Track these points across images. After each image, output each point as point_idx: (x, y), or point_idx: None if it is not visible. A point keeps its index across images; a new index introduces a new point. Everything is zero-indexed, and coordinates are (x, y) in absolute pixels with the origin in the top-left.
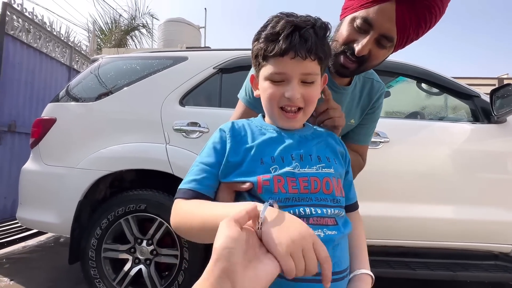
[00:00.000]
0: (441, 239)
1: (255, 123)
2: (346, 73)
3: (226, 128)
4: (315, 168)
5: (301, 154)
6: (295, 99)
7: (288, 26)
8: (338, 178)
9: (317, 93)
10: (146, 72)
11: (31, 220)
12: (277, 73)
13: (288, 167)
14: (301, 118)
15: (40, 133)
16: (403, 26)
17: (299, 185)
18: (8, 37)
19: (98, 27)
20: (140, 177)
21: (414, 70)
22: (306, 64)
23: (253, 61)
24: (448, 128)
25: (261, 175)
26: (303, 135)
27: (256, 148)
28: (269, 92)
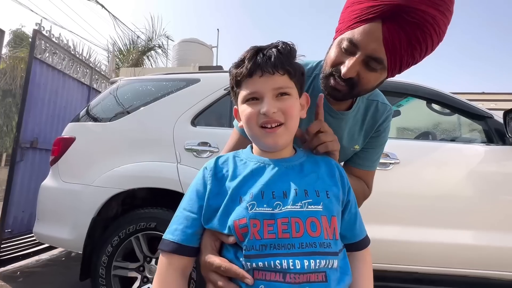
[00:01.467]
0: (460, 266)
1: (241, 156)
2: (338, 96)
3: (209, 167)
4: (299, 206)
5: (284, 190)
6: (271, 113)
7: (251, 50)
8: (332, 216)
9: (295, 106)
10: (160, 94)
11: (47, 236)
12: (250, 93)
13: (266, 207)
14: (283, 133)
15: (60, 151)
16: (392, 46)
17: (277, 229)
18: (36, 60)
19: (117, 48)
20: (152, 195)
21: (424, 91)
22: (276, 79)
23: (231, 94)
24: (461, 150)
25: (238, 219)
26: (290, 165)
27: (236, 185)
28: (247, 112)
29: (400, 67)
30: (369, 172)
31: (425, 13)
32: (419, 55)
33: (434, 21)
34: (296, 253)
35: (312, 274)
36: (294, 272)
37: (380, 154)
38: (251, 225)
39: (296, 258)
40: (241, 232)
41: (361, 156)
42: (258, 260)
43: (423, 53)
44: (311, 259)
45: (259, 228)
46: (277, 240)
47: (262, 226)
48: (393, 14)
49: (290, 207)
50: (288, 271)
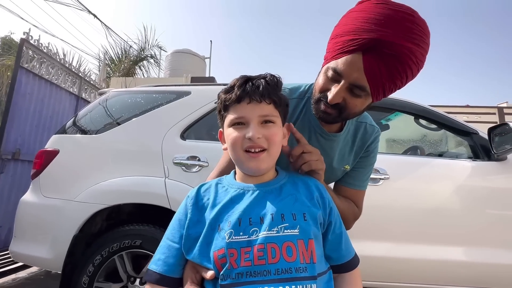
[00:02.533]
0: (450, 282)
1: (223, 183)
2: (328, 119)
3: (191, 195)
4: (275, 230)
5: (261, 215)
6: (256, 139)
7: (241, 79)
8: (309, 239)
9: (278, 133)
10: (150, 106)
11: (24, 255)
12: (237, 118)
13: (243, 235)
14: (265, 159)
15: (42, 164)
16: (373, 75)
17: (253, 256)
18: (22, 69)
19: (109, 57)
20: (138, 210)
21: (411, 106)
22: (263, 107)
23: (218, 117)
24: (448, 165)
25: (217, 250)
26: (268, 190)
27: (215, 213)
28: (233, 136)
29: (384, 92)
30: (359, 191)
31: (402, 46)
32: (401, 82)
33: (410, 52)
34: (272, 280)
35: None
36: None
37: (370, 174)
38: (228, 254)
39: (271, 285)
40: (220, 263)
41: (351, 175)
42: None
43: (404, 80)
44: (286, 285)
45: (236, 257)
46: (253, 267)
47: (239, 254)
48: (371, 47)
49: (266, 232)
50: None
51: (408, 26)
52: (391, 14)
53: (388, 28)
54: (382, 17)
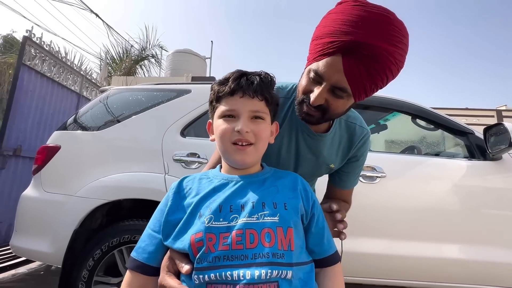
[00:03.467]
0: (445, 280)
1: (209, 175)
2: (312, 121)
3: (173, 185)
4: (255, 218)
5: (242, 203)
6: (244, 132)
7: (237, 73)
8: (288, 227)
9: (266, 130)
10: (150, 104)
11: (24, 249)
12: (228, 110)
13: (223, 221)
14: (252, 152)
15: (43, 160)
16: (353, 77)
17: (231, 240)
18: (25, 67)
19: (110, 56)
20: (138, 206)
21: (409, 106)
22: (254, 103)
23: (209, 107)
24: (445, 164)
25: (195, 233)
26: (252, 181)
27: (197, 201)
28: (222, 128)
29: (366, 93)
30: (349, 190)
31: (379, 48)
32: (381, 82)
33: (388, 53)
34: (248, 264)
35: (264, 284)
36: (245, 282)
37: (359, 173)
38: (206, 239)
39: (248, 269)
40: (196, 246)
41: (343, 179)
42: (210, 272)
43: (384, 80)
44: (262, 269)
45: (215, 242)
46: (230, 252)
47: (218, 239)
48: (350, 49)
49: (246, 219)
50: (238, 282)
51: (384, 28)
52: (368, 16)
53: (364, 30)
54: (359, 19)
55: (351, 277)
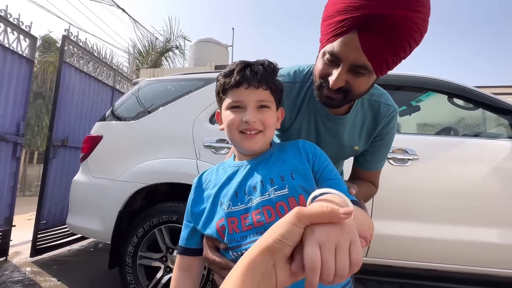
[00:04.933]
0: (484, 264)
1: (224, 165)
2: (334, 104)
3: (194, 180)
4: (267, 195)
5: (254, 184)
6: (252, 122)
7: (241, 64)
8: (299, 195)
9: (273, 118)
10: (180, 93)
11: (79, 227)
12: (234, 101)
13: (241, 204)
14: (260, 139)
15: (89, 149)
16: (372, 52)
17: (252, 220)
18: (65, 64)
19: (137, 50)
20: (173, 190)
21: (445, 85)
22: (259, 93)
23: (216, 99)
24: (485, 146)
25: (218, 219)
26: (259, 161)
27: (215, 192)
28: (230, 118)
29: (388, 66)
30: (376, 172)
31: (397, 17)
32: (404, 52)
33: (408, 20)
34: None
35: None
36: None
37: (386, 154)
38: (229, 222)
39: None
40: (221, 230)
41: (368, 159)
42: (242, 248)
43: (408, 50)
44: None
45: (237, 223)
46: (254, 229)
47: (240, 221)
48: (365, 24)
49: (260, 198)
50: None
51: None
52: None
53: (377, 0)
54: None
55: (381, 258)
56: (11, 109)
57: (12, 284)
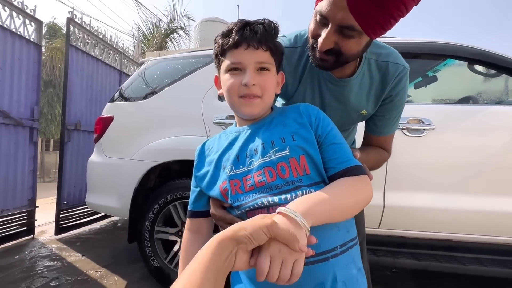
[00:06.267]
0: (499, 234)
1: (226, 132)
2: (326, 66)
3: (198, 148)
4: (268, 156)
5: (255, 147)
6: (251, 85)
7: (240, 23)
8: (300, 155)
9: (272, 81)
10: (187, 71)
11: (98, 205)
12: (233, 63)
13: (242, 167)
14: (259, 104)
15: (102, 129)
16: (360, 11)
17: (254, 181)
18: (72, 47)
19: (142, 33)
20: (185, 167)
21: (465, 50)
22: (259, 54)
23: (214, 61)
24: (507, 113)
25: (221, 183)
26: (260, 125)
27: (218, 156)
28: (229, 83)
29: (381, 26)
30: (387, 137)
31: None
32: (399, 10)
33: None
34: (274, 193)
35: None
36: (275, 205)
37: (399, 116)
38: (231, 184)
39: (275, 196)
40: (224, 192)
41: (378, 124)
42: (245, 206)
43: (402, 8)
44: (287, 194)
45: (240, 185)
46: (257, 189)
47: (242, 182)
48: None
49: (261, 160)
50: (269, 206)
51: None
52: None
53: None
54: None
55: (394, 229)
56: (24, 95)
57: (41, 258)
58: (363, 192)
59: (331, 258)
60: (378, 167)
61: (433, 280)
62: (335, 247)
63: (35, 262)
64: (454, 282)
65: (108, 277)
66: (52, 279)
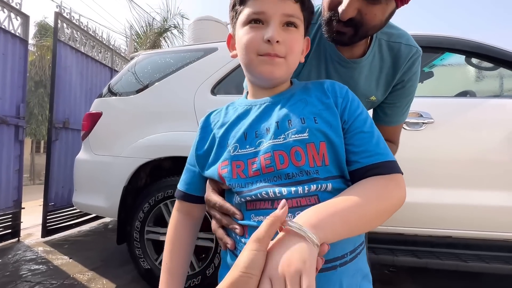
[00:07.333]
0: (500, 229)
1: (235, 104)
2: (344, 40)
3: (201, 121)
4: (282, 138)
5: (267, 126)
6: (275, 42)
7: None
8: (321, 142)
9: (299, 41)
10: (179, 65)
11: (85, 204)
12: (255, 13)
13: (249, 147)
14: (281, 64)
15: (89, 126)
16: None
17: (260, 165)
18: (60, 43)
19: (135, 31)
20: (176, 164)
21: (462, 43)
22: (288, 4)
23: (230, 15)
24: (505, 106)
25: (221, 162)
26: (277, 100)
27: (222, 132)
28: (247, 37)
29: None
30: (397, 127)
31: None
32: None
33: None
34: (283, 184)
35: (303, 198)
36: (282, 197)
37: (410, 104)
38: (234, 166)
39: (284, 187)
40: (222, 173)
41: (388, 113)
42: (247, 194)
43: None
44: (299, 187)
45: (243, 168)
46: (262, 176)
47: (246, 165)
48: None
49: (272, 141)
50: (276, 198)
51: None
52: None
53: None
54: None
55: (393, 226)
56: (9, 92)
57: (26, 262)
58: (394, 197)
59: (339, 266)
60: None
61: (432, 278)
62: (345, 253)
63: (19, 266)
64: (453, 280)
65: (96, 280)
66: (36, 283)
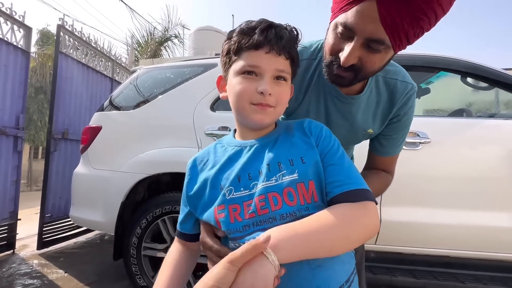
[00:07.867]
0: (497, 250)
1: (223, 142)
2: (344, 83)
3: (189, 162)
4: (274, 180)
5: (259, 169)
6: (267, 95)
7: (265, 24)
8: (309, 180)
9: (287, 93)
10: (179, 80)
11: (82, 219)
12: (250, 66)
13: (244, 190)
14: (271, 113)
15: (88, 140)
16: (392, 23)
17: (255, 207)
18: (62, 54)
19: (136, 40)
20: (175, 180)
21: (458, 64)
22: (280, 61)
23: (222, 59)
24: (500, 126)
25: (217, 206)
26: (265, 142)
27: (214, 173)
28: (241, 87)
29: (408, 40)
30: (393, 157)
31: None
32: (429, 24)
33: None
34: (278, 225)
35: None
36: None
37: (404, 138)
38: (230, 210)
39: None
40: (218, 217)
41: (384, 144)
42: (243, 240)
43: (433, 20)
44: None
45: (240, 211)
46: (258, 218)
47: (242, 208)
48: None
49: (265, 183)
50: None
51: None
52: None
53: None
54: None
55: (391, 245)
56: (9, 102)
57: (20, 276)
58: (360, 223)
59: None
60: (382, 193)
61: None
62: (341, 285)
63: (14, 280)
64: None
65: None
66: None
